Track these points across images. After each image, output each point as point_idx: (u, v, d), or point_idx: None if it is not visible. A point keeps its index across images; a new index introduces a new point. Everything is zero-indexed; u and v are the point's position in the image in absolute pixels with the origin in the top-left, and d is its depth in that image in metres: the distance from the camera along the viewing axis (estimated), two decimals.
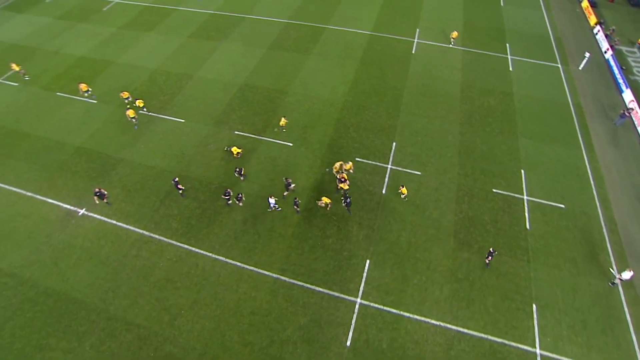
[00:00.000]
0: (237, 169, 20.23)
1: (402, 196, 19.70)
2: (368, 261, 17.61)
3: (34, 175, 21.69)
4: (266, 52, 29.53)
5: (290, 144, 22.45)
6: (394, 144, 22.54)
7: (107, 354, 15.15)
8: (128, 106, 24.93)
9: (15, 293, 17.08)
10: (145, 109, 24.71)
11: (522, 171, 21.25)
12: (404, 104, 24.93)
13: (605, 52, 29.39)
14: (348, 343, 15.24)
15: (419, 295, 16.55)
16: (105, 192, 19.57)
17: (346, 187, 19.29)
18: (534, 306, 16.16)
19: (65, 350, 15.28)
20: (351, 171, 20.36)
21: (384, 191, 20.31)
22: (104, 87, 27.15)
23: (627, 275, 16.16)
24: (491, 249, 17.02)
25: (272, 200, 18.94)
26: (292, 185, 19.60)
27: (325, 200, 18.81)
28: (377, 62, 28.20)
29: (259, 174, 21.05)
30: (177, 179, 19.83)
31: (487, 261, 17.21)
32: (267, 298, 16.47)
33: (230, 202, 19.35)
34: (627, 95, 25.28)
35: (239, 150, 21.47)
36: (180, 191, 19.94)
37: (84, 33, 33.47)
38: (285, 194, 19.76)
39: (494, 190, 20.34)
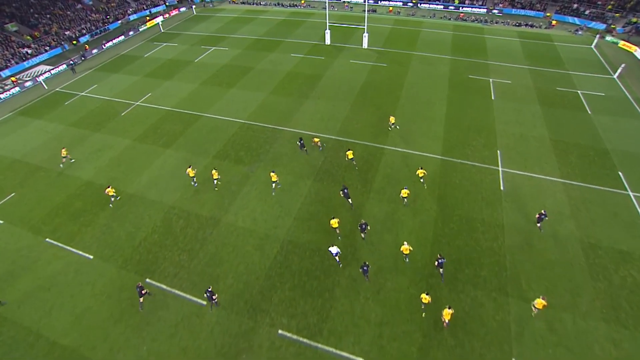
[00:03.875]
0: None
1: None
2: None
3: None
4: (312, 185, 23.77)
5: None
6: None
7: None
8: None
9: None
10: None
11: None
12: (509, 279, 17.83)
13: None
14: None
15: None
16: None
17: None
18: None
19: None
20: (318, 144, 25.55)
21: None
22: (102, 237, 21.30)
23: None
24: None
25: (333, 249, 18.33)
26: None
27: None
28: (460, 204, 21.76)
29: None
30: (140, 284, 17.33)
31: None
32: None
33: None
34: None
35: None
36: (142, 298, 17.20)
37: (96, 145, 28.96)
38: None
39: None
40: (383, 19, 51.69)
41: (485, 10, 52.70)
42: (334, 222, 19.88)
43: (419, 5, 55.94)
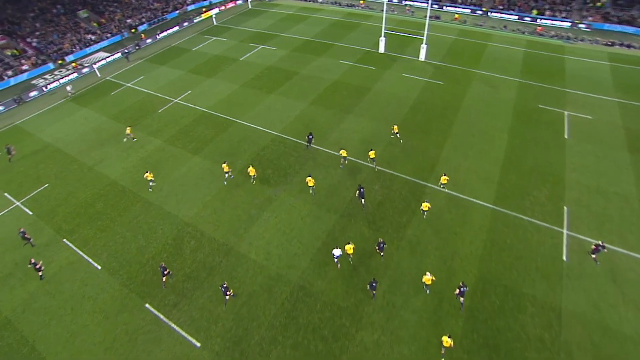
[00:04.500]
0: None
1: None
2: None
3: None
4: (337, 221, 21.34)
5: None
6: None
7: None
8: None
9: None
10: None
11: None
12: None
13: None
14: None
15: None
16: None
17: None
18: None
19: None
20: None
21: None
22: (114, 246, 20.69)
23: None
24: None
25: (337, 252, 18.17)
26: None
27: None
28: (507, 272, 18.08)
29: None
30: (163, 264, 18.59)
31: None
32: None
33: None
34: None
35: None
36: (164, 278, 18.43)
37: (129, 141, 28.93)
38: None
39: None
40: (446, 27, 46.90)
41: (569, 24, 45.80)
42: (349, 248, 18.58)
43: (489, 14, 50.19)
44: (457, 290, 16.51)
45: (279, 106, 31.95)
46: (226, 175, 24.12)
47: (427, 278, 16.91)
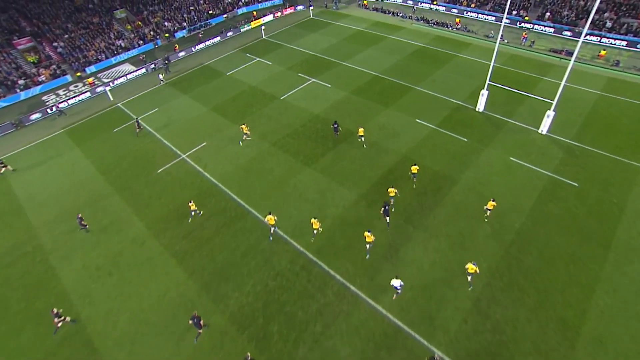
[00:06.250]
0: None
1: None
2: None
3: None
4: None
5: None
6: None
7: None
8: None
9: None
10: None
11: None
12: None
13: None
14: None
15: None
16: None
17: None
18: None
19: None
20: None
21: None
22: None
23: None
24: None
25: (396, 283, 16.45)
26: None
27: None
28: None
29: None
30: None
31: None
32: None
33: None
34: None
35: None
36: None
37: (107, 217, 22.55)
38: None
39: None
40: (584, 72, 33.93)
41: None
42: None
43: None
44: None
45: (312, 193, 23.13)
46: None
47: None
